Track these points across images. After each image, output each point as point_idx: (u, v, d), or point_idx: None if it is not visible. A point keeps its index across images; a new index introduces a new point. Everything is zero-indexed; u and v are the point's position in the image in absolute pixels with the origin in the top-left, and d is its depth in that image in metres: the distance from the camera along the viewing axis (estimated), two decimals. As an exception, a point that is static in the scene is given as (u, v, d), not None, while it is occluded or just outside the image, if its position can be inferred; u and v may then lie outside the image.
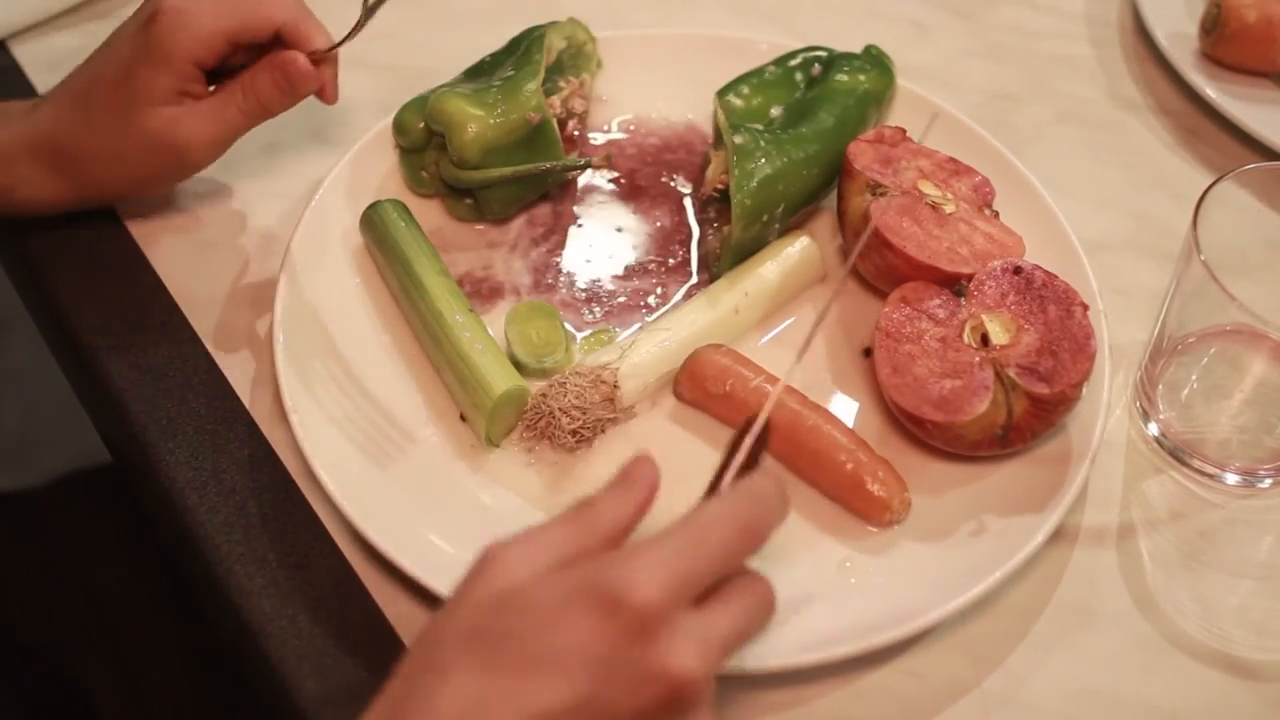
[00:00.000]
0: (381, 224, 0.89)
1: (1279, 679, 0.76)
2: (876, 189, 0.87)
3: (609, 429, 0.84)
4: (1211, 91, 1.04)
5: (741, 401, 0.83)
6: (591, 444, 0.83)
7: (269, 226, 0.95)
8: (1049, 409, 0.78)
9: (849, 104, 0.94)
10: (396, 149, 0.95)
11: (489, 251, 0.93)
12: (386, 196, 0.91)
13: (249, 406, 0.85)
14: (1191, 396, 0.87)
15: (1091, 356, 0.79)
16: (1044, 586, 0.79)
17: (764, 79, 0.98)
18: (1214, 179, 0.82)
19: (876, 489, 0.79)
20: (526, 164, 0.91)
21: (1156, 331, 0.85)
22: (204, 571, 0.78)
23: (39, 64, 1.05)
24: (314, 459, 0.78)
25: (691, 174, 0.99)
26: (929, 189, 0.88)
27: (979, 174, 0.91)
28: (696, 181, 0.98)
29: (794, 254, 0.91)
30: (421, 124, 0.92)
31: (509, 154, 0.91)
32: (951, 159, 0.91)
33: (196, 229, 0.94)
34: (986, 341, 0.81)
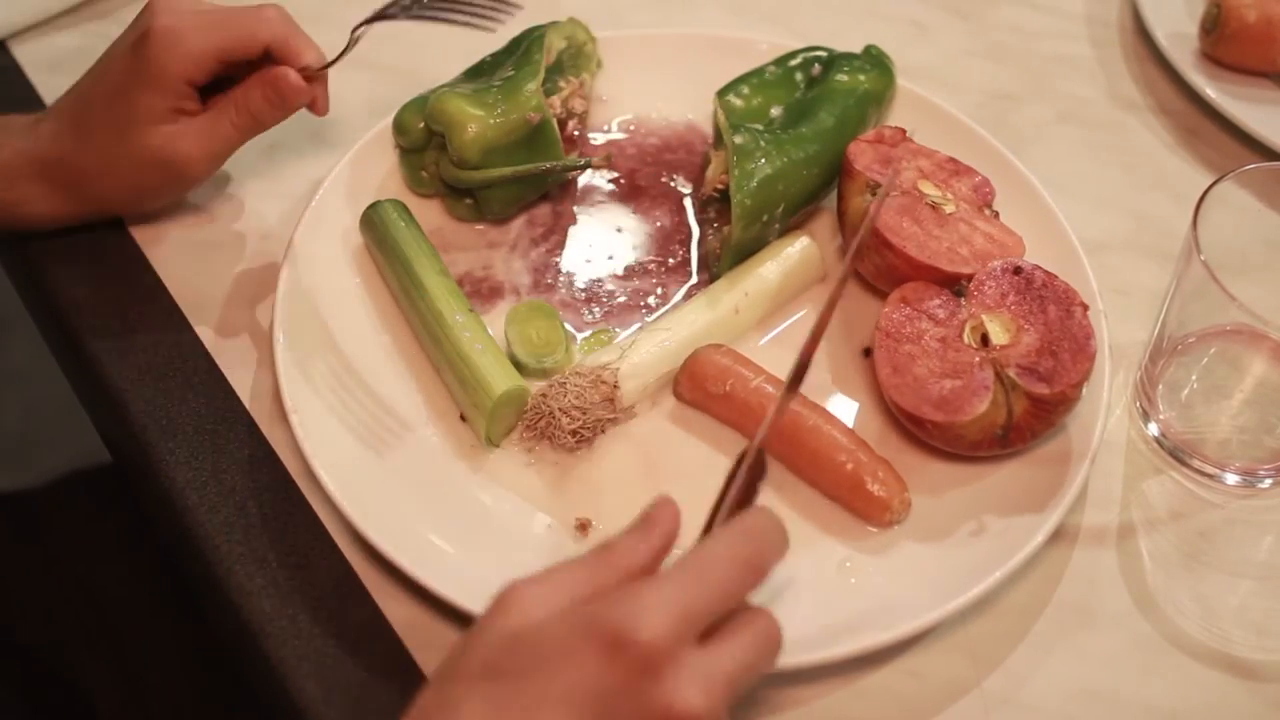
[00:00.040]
0: (381, 224, 0.89)
1: (1279, 679, 0.76)
2: (876, 189, 0.87)
3: (609, 429, 0.84)
4: (1211, 91, 1.04)
5: (741, 402, 0.83)
6: (591, 444, 0.83)
7: (269, 226, 0.95)
8: (1049, 409, 0.78)
9: (849, 104, 0.94)
10: (396, 149, 0.95)
11: (489, 251, 0.93)
12: (386, 196, 0.91)
13: (249, 406, 0.85)
14: (1191, 396, 0.87)
15: (1091, 356, 0.79)
16: (1044, 586, 0.79)
17: (764, 79, 0.98)
18: (1214, 179, 0.82)
19: (876, 489, 0.79)
20: (526, 164, 0.91)
21: (1156, 331, 0.85)
22: (204, 571, 0.78)
23: (39, 64, 1.05)
24: (314, 459, 0.78)
25: (691, 174, 0.99)
26: (929, 189, 0.88)
27: (979, 174, 0.91)
28: (696, 181, 0.98)
29: (794, 254, 0.91)
30: (421, 124, 0.92)
31: (509, 154, 0.91)
32: (951, 159, 0.91)
33: (197, 229, 0.94)
34: (986, 341, 0.81)
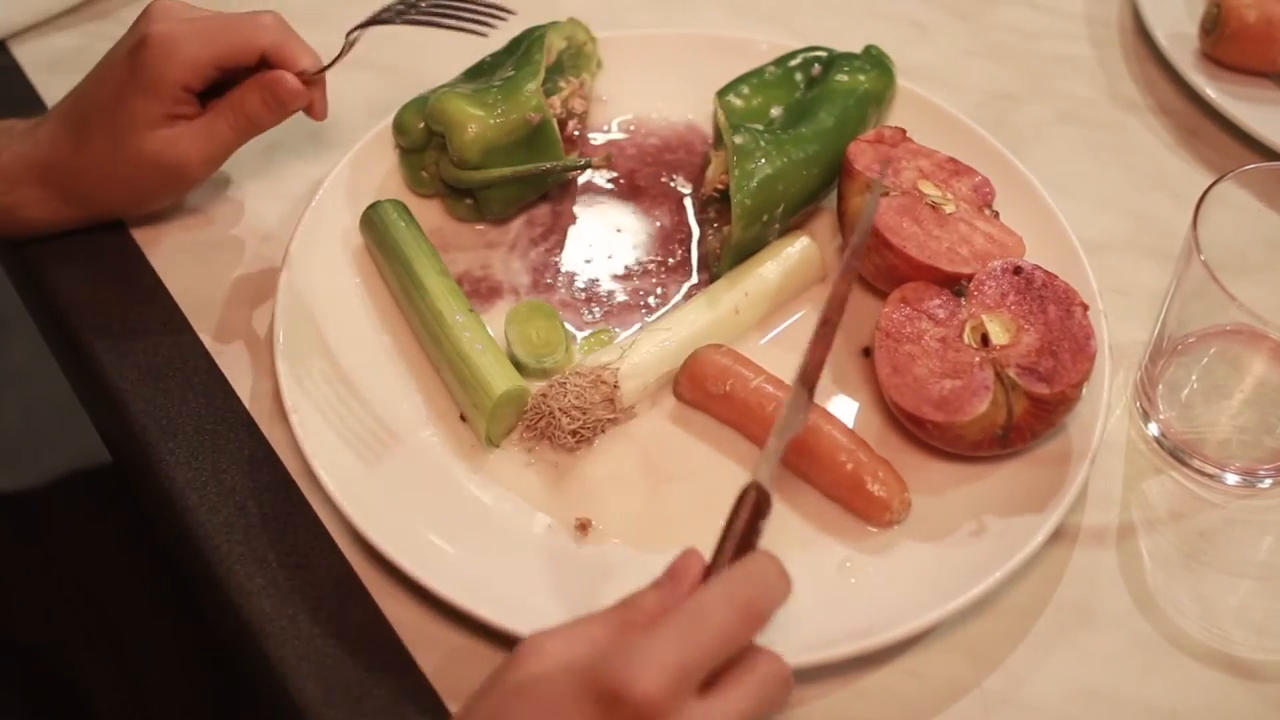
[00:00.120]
0: (381, 224, 0.89)
1: (1279, 679, 0.76)
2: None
3: (609, 429, 0.84)
4: (1211, 91, 1.04)
5: (741, 401, 0.83)
6: (591, 444, 0.83)
7: (269, 227, 0.95)
8: (1049, 409, 0.78)
9: (849, 104, 0.94)
10: (396, 149, 0.95)
11: (487, 251, 0.93)
12: (386, 196, 0.91)
13: (249, 406, 0.85)
14: (1191, 396, 0.87)
15: (1091, 356, 0.79)
16: (1044, 586, 0.79)
17: (764, 79, 0.98)
18: (1214, 179, 0.82)
19: (876, 489, 0.79)
20: (526, 164, 0.91)
21: (1156, 331, 0.85)
22: (204, 571, 0.78)
23: (39, 64, 1.05)
24: (314, 459, 0.78)
25: (691, 174, 0.99)
26: (929, 189, 0.88)
27: (979, 174, 0.91)
28: (696, 181, 0.98)
29: (794, 254, 0.91)
30: (422, 124, 0.92)
31: (509, 154, 0.91)
32: (951, 159, 0.91)
33: (197, 229, 0.94)
34: (986, 341, 0.81)
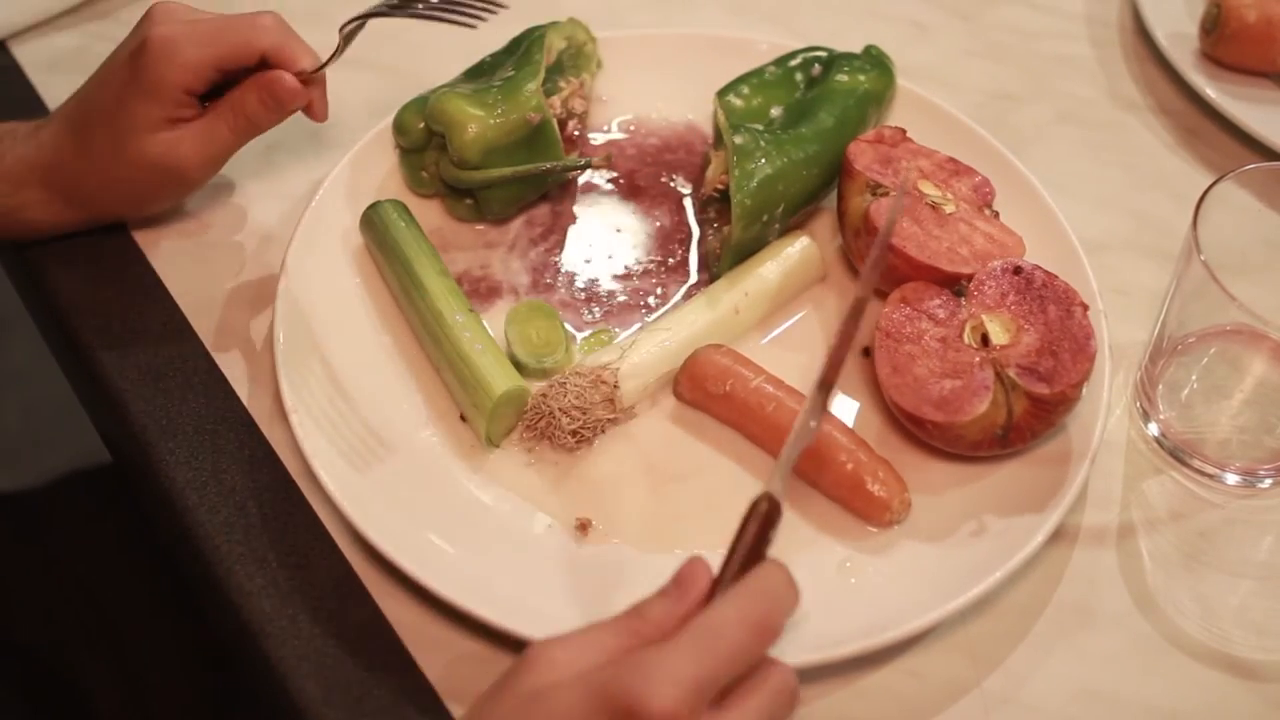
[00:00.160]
0: (381, 224, 0.89)
1: (1279, 679, 0.76)
2: (876, 189, 0.87)
3: (609, 429, 0.84)
4: (1211, 91, 1.04)
5: (741, 402, 0.83)
6: (591, 444, 0.83)
7: (269, 227, 0.95)
8: (1049, 409, 0.78)
9: (849, 104, 0.94)
10: (396, 149, 0.95)
11: (487, 251, 0.93)
12: (386, 196, 0.91)
13: (249, 406, 0.85)
14: (1191, 396, 0.87)
15: (1091, 356, 0.79)
16: (1044, 586, 0.79)
17: (764, 79, 0.98)
18: (1214, 179, 0.82)
19: (876, 489, 0.79)
20: (526, 164, 0.91)
21: (1156, 331, 0.85)
22: (204, 571, 0.78)
23: (39, 64, 1.05)
24: (314, 459, 0.78)
25: (691, 174, 0.99)
26: (929, 189, 0.88)
27: (979, 174, 0.91)
28: (696, 181, 0.98)
29: (794, 254, 0.91)
30: (422, 124, 0.92)
31: (509, 154, 0.91)
32: (951, 159, 0.91)
33: (197, 230, 0.94)
34: (986, 341, 0.81)
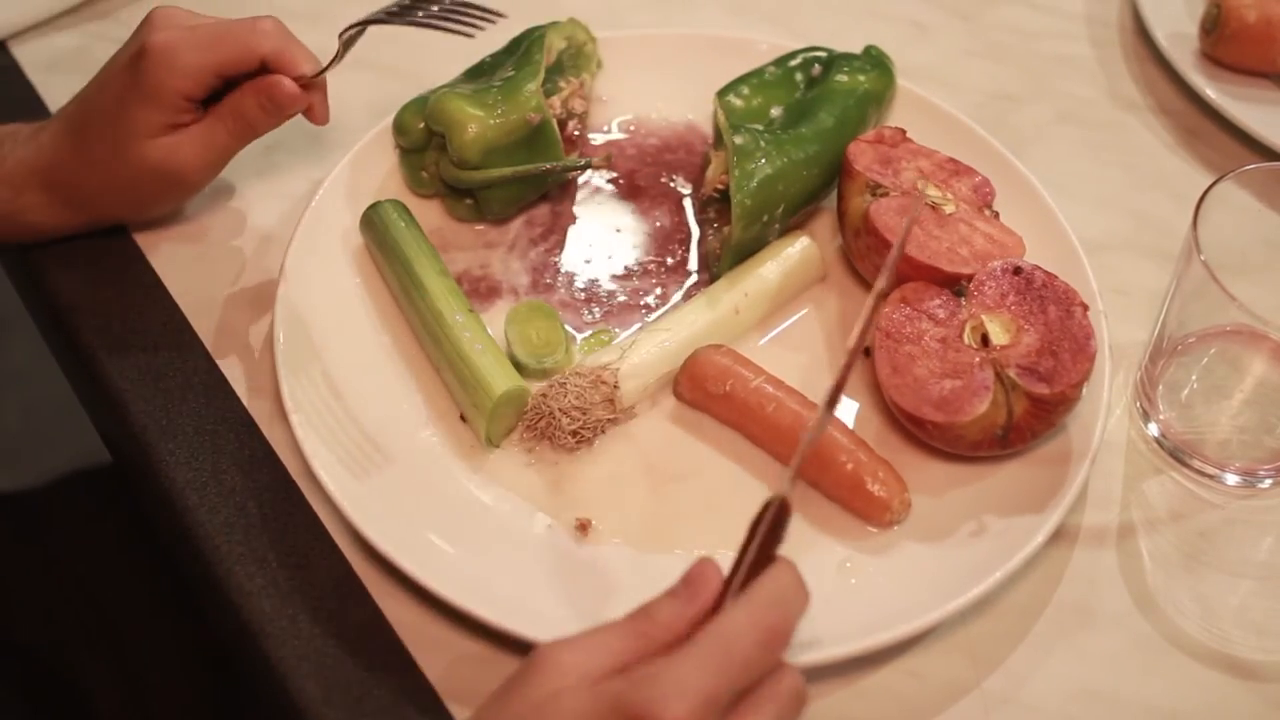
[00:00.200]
0: (381, 224, 0.89)
1: (1279, 679, 0.76)
2: (876, 189, 0.87)
3: (609, 429, 0.84)
4: (1211, 91, 1.04)
5: (741, 402, 0.83)
6: (591, 444, 0.83)
7: (269, 227, 0.95)
8: (1049, 409, 0.78)
9: (849, 104, 0.94)
10: (396, 149, 0.95)
11: (487, 251, 0.93)
12: (386, 197, 0.91)
13: (249, 406, 0.85)
14: (1191, 396, 0.87)
15: (1091, 356, 0.79)
16: (1044, 586, 0.79)
17: (764, 79, 0.98)
18: (1214, 179, 0.82)
19: (876, 489, 0.79)
20: (526, 164, 0.91)
21: (1156, 331, 0.85)
22: (204, 571, 0.78)
23: (39, 64, 1.05)
24: (314, 459, 0.78)
25: (691, 174, 0.99)
26: (929, 189, 0.88)
27: (979, 174, 0.91)
28: (696, 181, 0.98)
29: (794, 254, 0.91)
30: (422, 124, 0.92)
31: (509, 154, 0.91)
32: (951, 159, 0.91)
33: (197, 230, 0.94)
34: (986, 342, 0.81)
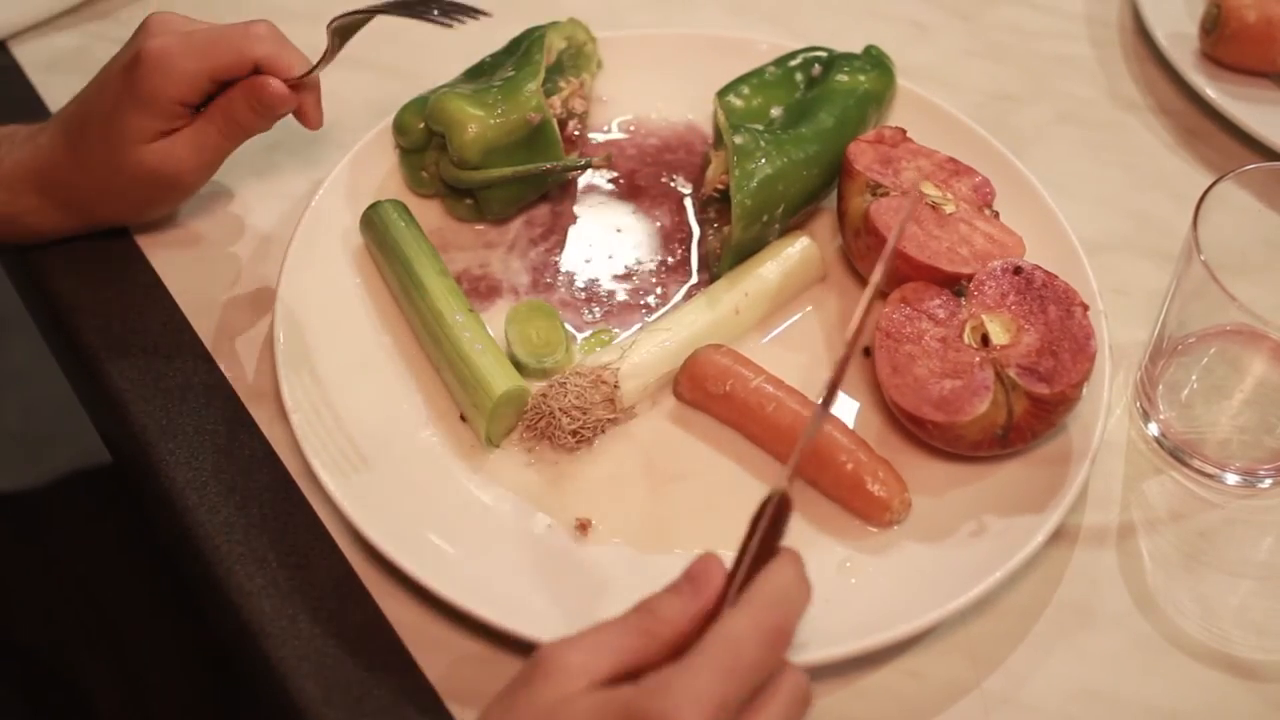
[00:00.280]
0: (381, 224, 0.89)
1: (1279, 679, 0.76)
2: (876, 189, 0.87)
3: (609, 429, 0.84)
4: (1211, 91, 1.04)
5: (741, 402, 0.83)
6: (592, 444, 0.83)
7: (269, 227, 0.95)
8: (1049, 409, 0.78)
9: (849, 104, 0.94)
10: (396, 149, 0.95)
11: (486, 251, 0.93)
12: (386, 196, 0.91)
13: (249, 407, 0.85)
14: (1191, 396, 0.87)
15: (1091, 356, 0.79)
16: (1044, 587, 0.79)
17: (764, 79, 0.98)
18: (1214, 179, 0.82)
19: (876, 489, 0.79)
20: (526, 164, 0.91)
21: (1156, 331, 0.85)
22: (204, 571, 0.78)
23: (39, 64, 1.05)
24: (314, 459, 0.78)
25: (691, 174, 0.99)
26: (929, 189, 0.88)
27: (979, 174, 0.91)
28: (696, 181, 0.98)
29: (794, 254, 0.91)
30: (422, 124, 0.92)
31: (509, 154, 0.91)
32: (951, 159, 0.91)
33: (197, 230, 0.94)
34: (987, 341, 0.81)
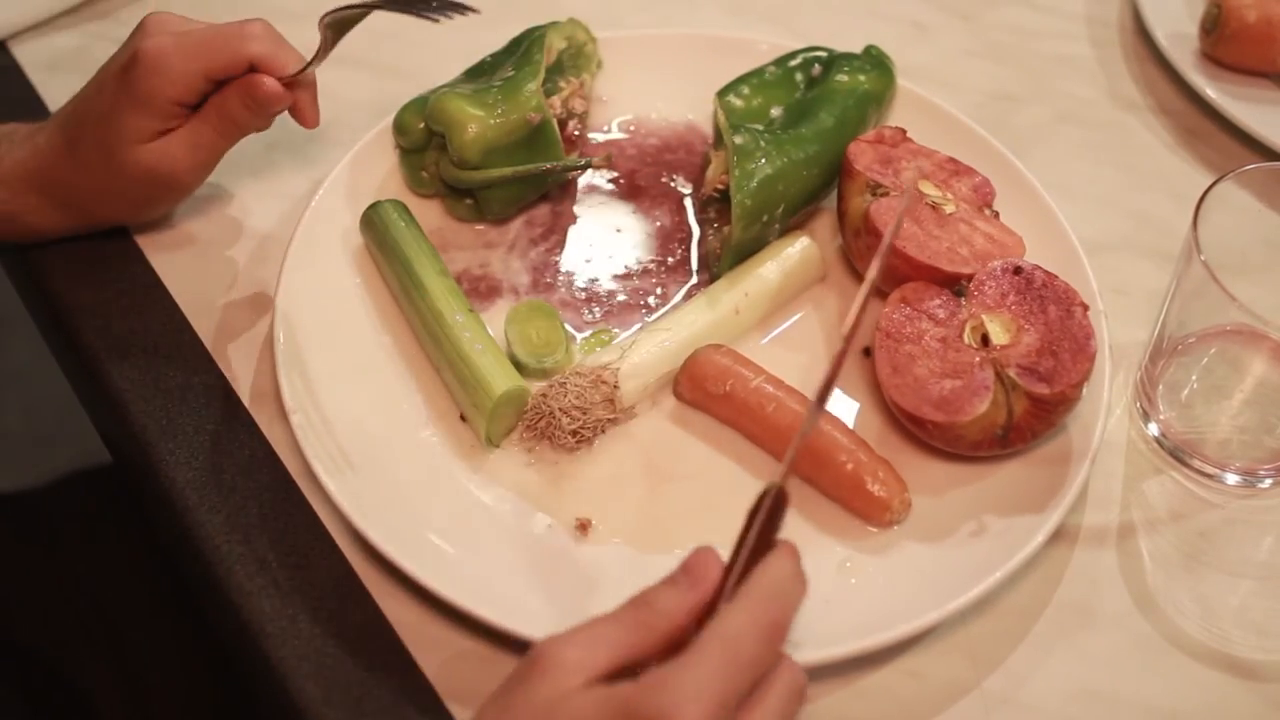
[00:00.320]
0: (381, 224, 0.89)
1: (1279, 679, 0.76)
2: (876, 189, 0.87)
3: (609, 429, 0.84)
4: (1211, 91, 1.04)
5: (741, 402, 0.83)
6: (591, 444, 0.83)
7: (269, 227, 0.95)
8: (1049, 409, 0.78)
9: (849, 104, 0.94)
10: (396, 149, 0.95)
11: (486, 251, 0.93)
12: (386, 196, 0.91)
13: (249, 406, 0.85)
14: (1191, 396, 0.87)
15: (1091, 356, 0.79)
16: (1044, 587, 0.79)
17: (764, 79, 0.98)
18: (1214, 179, 0.82)
19: (876, 489, 0.79)
20: (527, 164, 0.91)
21: (1156, 331, 0.85)
22: (204, 571, 0.78)
23: (39, 64, 1.05)
24: (314, 459, 0.78)
25: (691, 174, 0.99)
26: (929, 189, 0.88)
27: (979, 174, 0.91)
28: (696, 181, 0.98)
29: (794, 254, 0.91)
30: (422, 124, 0.92)
31: (509, 154, 0.91)
32: (951, 159, 0.91)
33: (197, 230, 0.94)
34: (987, 341, 0.81)
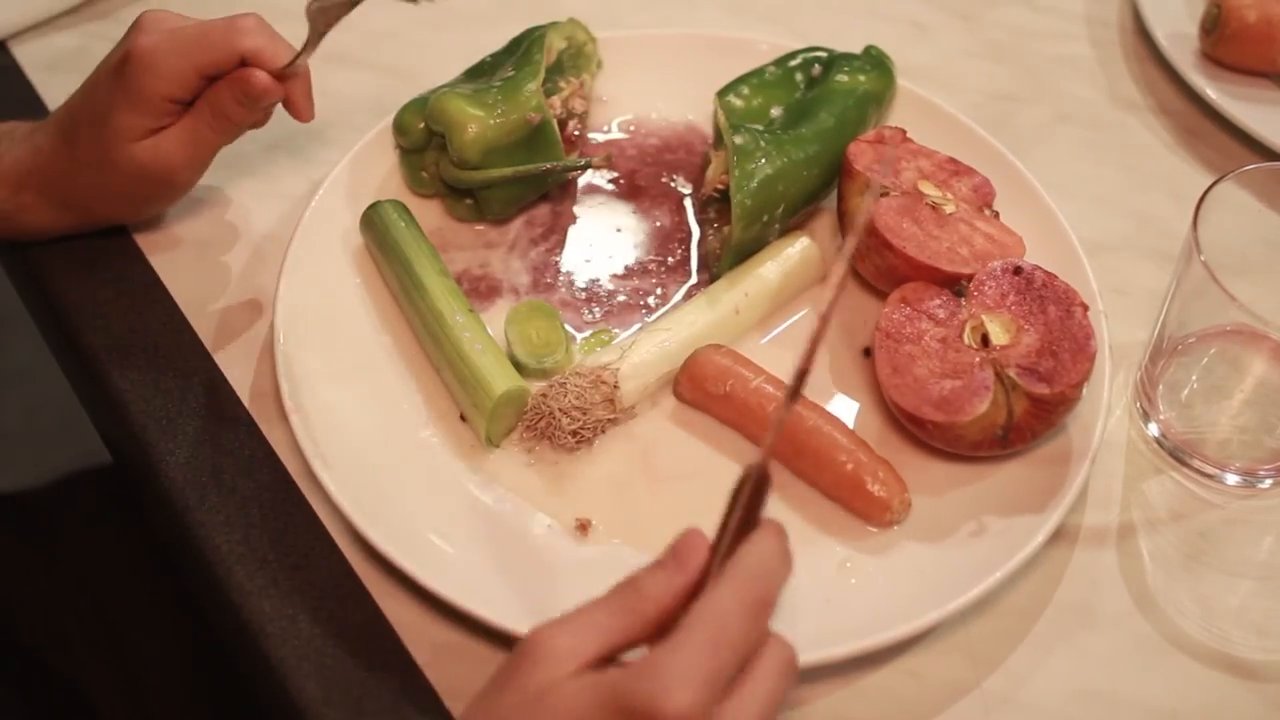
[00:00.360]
0: (381, 224, 0.89)
1: (1279, 679, 0.76)
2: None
3: (609, 429, 0.84)
4: (1211, 91, 1.04)
5: (741, 402, 0.83)
6: (591, 444, 0.83)
7: (269, 227, 0.95)
8: (1049, 409, 0.78)
9: (849, 104, 0.94)
10: (396, 149, 0.95)
11: (487, 251, 0.93)
12: (386, 197, 0.91)
13: (249, 406, 0.85)
14: (1191, 396, 0.87)
15: (1091, 357, 0.79)
16: (1044, 587, 0.79)
17: (764, 79, 0.98)
18: (1214, 179, 0.82)
19: (876, 489, 0.79)
20: (527, 164, 0.91)
21: (1156, 331, 0.85)
22: (204, 571, 0.78)
23: (39, 64, 1.05)
24: (314, 459, 0.78)
25: (691, 174, 0.99)
26: (929, 189, 0.88)
27: (979, 174, 0.91)
28: (696, 181, 0.98)
29: (794, 254, 0.91)
30: (422, 124, 0.92)
31: (509, 154, 0.91)
32: (951, 159, 0.91)
33: (197, 230, 0.94)
34: (987, 342, 0.81)
